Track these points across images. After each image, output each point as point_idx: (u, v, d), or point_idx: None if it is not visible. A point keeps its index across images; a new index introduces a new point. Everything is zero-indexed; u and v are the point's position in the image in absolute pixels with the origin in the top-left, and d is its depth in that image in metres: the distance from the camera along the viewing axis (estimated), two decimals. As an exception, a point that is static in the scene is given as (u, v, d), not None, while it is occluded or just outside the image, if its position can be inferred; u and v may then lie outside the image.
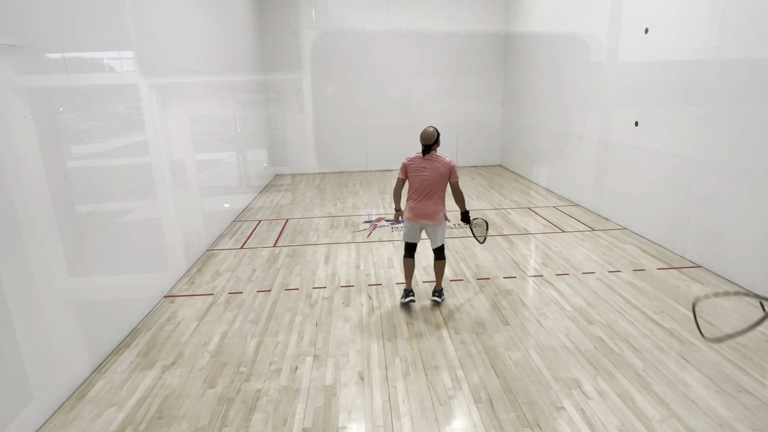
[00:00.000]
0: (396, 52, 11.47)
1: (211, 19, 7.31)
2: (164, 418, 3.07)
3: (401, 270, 5.44)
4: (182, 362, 3.70)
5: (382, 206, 8.43)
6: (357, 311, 4.47)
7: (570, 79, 8.30)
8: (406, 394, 3.24)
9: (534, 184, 9.99)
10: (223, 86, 7.96)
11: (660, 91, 5.87)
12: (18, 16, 3.02)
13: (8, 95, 2.92)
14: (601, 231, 6.63)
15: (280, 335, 4.07)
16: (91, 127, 3.94)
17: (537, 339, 3.89)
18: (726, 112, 4.86)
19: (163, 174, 5.08)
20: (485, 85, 11.93)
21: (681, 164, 5.51)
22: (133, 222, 4.44)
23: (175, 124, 5.55)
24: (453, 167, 4.26)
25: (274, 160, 11.76)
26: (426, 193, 4.29)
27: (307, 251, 6.17)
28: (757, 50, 4.46)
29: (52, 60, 3.38)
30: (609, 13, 6.92)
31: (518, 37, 10.79)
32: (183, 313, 4.51)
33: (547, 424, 2.93)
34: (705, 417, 2.94)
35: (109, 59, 4.24)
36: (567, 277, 5.11)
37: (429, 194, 4.28)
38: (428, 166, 4.26)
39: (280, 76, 11.36)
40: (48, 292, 3.16)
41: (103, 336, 3.81)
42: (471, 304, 4.53)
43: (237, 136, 8.69)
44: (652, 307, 4.37)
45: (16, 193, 2.90)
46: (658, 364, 3.49)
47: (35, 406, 2.98)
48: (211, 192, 6.94)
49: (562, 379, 3.35)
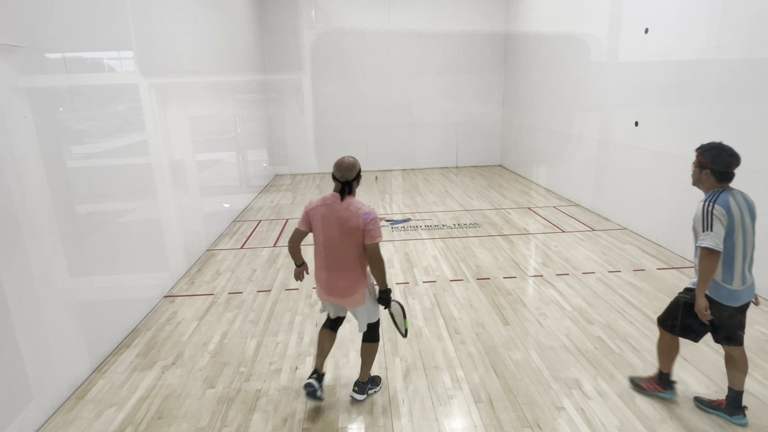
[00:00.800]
0: (396, 52, 11.47)
1: (211, 19, 7.31)
2: (164, 418, 3.07)
3: (401, 270, 5.44)
4: (182, 362, 3.70)
5: (382, 206, 8.43)
6: (357, 311, 4.46)
7: (570, 79, 8.30)
8: (406, 394, 3.24)
9: (534, 184, 9.99)
10: (223, 86, 7.96)
11: (660, 91, 5.87)
12: (18, 16, 3.02)
13: (8, 95, 2.92)
14: (601, 231, 6.63)
15: (280, 335, 4.07)
16: (91, 127, 3.94)
17: (537, 339, 3.89)
18: (726, 112, 4.86)
19: (163, 174, 5.08)
20: (485, 85, 11.93)
21: (681, 164, 5.51)
22: (133, 222, 4.43)
23: (175, 124, 5.55)
24: (368, 220, 2.87)
25: (274, 160, 11.76)
26: (334, 259, 3.00)
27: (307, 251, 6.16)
28: (757, 50, 4.46)
29: (52, 60, 3.38)
30: (609, 13, 6.92)
31: (518, 37, 10.79)
32: (183, 313, 4.51)
33: (547, 424, 2.93)
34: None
35: (109, 59, 4.23)
36: (567, 277, 5.11)
37: (337, 260, 2.99)
38: (335, 217, 2.92)
39: (280, 76, 11.36)
40: (48, 292, 3.16)
41: (103, 336, 3.81)
42: (471, 304, 4.53)
43: (237, 136, 8.69)
44: (652, 307, 4.36)
45: (16, 193, 2.90)
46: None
47: (35, 406, 2.98)
48: (211, 192, 6.94)
49: (562, 379, 3.35)
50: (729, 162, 2.67)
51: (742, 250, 2.67)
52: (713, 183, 2.72)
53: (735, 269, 2.68)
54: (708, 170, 2.71)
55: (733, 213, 2.61)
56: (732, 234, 2.62)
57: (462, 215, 7.67)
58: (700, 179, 2.77)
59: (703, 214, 2.62)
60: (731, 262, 2.67)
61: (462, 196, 9.01)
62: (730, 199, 2.63)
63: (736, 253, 2.66)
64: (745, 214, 2.65)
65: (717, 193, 2.66)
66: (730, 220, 2.60)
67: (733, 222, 2.61)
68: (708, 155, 2.71)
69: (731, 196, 2.65)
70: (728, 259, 2.67)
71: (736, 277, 2.69)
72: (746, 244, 2.66)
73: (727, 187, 2.70)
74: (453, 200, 8.74)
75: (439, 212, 7.91)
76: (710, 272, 2.63)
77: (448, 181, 10.63)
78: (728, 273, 2.69)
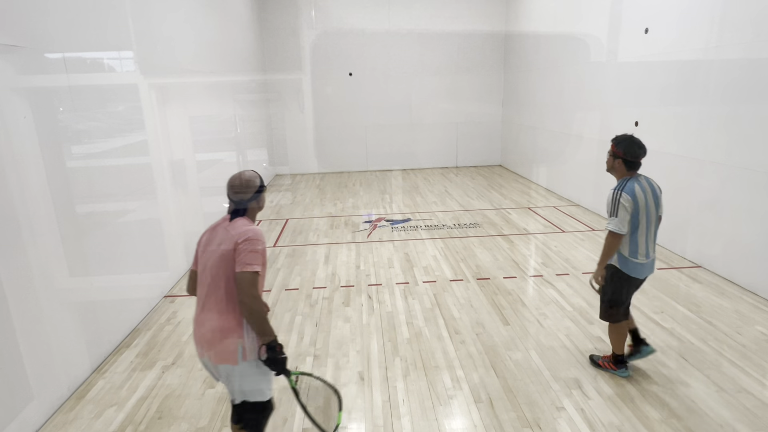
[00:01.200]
0: (396, 52, 11.47)
1: (211, 19, 7.31)
2: (164, 418, 3.07)
3: (401, 270, 5.44)
4: (182, 362, 3.70)
5: (382, 206, 8.43)
6: (357, 311, 4.47)
7: (570, 79, 8.30)
8: (406, 394, 3.24)
9: (534, 184, 9.99)
10: (223, 86, 7.95)
11: (660, 91, 5.87)
12: (18, 16, 3.02)
13: (8, 95, 2.92)
14: (601, 231, 6.63)
15: (280, 335, 4.07)
16: (91, 127, 3.94)
17: (537, 339, 3.89)
18: (726, 112, 4.86)
19: (163, 174, 5.08)
20: (485, 85, 11.93)
21: (681, 164, 5.51)
22: (133, 222, 4.43)
23: (175, 124, 5.55)
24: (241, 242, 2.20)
25: (274, 160, 11.76)
26: (204, 296, 2.28)
27: (307, 251, 6.17)
28: (757, 50, 4.46)
29: (52, 60, 3.38)
30: (609, 13, 6.92)
31: (518, 37, 10.79)
32: (183, 313, 4.51)
33: (547, 424, 2.93)
34: (705, 417, 2.95)
35: (109, 59, 4.23)
36: (567, 277, 5.11)
37: (208, 297, 2.27)
38: (215, 242, 2.32)
39: (280, 76, 11.36)
40: (48, 292, 3.16)
41: (103, 336, 3.81)
42: (471, 304, 4.53)
43: (237, 136, 8.69)
44: (652, 307, 4.36)
45: (16, 193, 2.90)
46: (658, 364, 3.49)
47: (35, 406, 2.98)
48: (211, 192, 6.94)
49: (562, 379, 3.35)
50: (637, 153, 3.07)
51: (646, 229, 3.08)
52: (624, 171, 3.12)
53: (639, 245, 3.09)
54: (620, 159, 3.11)
55: (638, 199, 3.01)
56: (637, 215, 3.03)
57: (462, 215, 7.67)
58: (613, 167, 3.17)
59: (612, 201, 3.05)
60: (636, 240, 3.08)
61: (462, 196, 9.01)
62: (636, 186, 3.04)
63: (640, 232, 3.07)
64: (649, 198, 3.06)
65: (625, 181, 3.07)
66: (635, 206, 3.01)
67: (638, 206, 3.02)
68: (621, 146, 3.10)
69: (637, 183, 3.06)
70: (634, 236, 3.07)
71: (640, 252, 3.10)
72: (649, 223, 3.08)
73: (635, 175, 3.11)
74: (453, 200, 8.74)
75: (439, 212, 7.91)
76: (611, 250, 3.09)
77: (448, 181, 10.63)
78: (634, 248, 3.09)
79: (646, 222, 3.05)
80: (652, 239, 3.12)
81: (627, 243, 3.08)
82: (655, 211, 3.08)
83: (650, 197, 3.06)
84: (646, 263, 3.14)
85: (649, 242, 3.11)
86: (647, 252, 3.11)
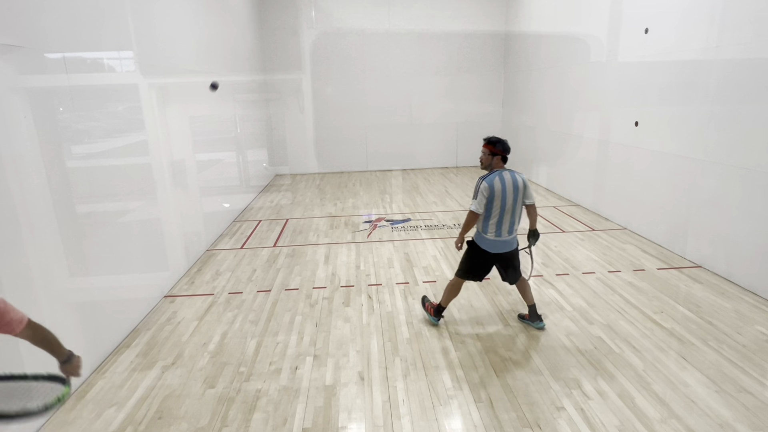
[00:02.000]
0: (396, 52, 11.47)
1: (211, 19, 7.31)
2: (164, 418, 3.07)
3: (401, 270, 5.44)
4: (182, 362, 3.70)
5: (382, 206, 8.43)
6: (357, 311, 4.47)
7: (570, 79, 8.30)
8: (406, 394, 3.24)
9: (534, 184, 9.99)
10: (223, 86, 7.95)
11: (660, 91, 5.87)
12: (18, 16, 3.02)
13: (8, 95, 2.92)
14: (601, 231, 6.63)
15: (280, 335, 4.07)
16: (91, 127, 3.94)
17: (537, 339, 3.89)
18: (726, 112, 4.86)
19: (163, 174, 5.08)
20: (485, 85, 11.93)
21: (681, 164, 5.51)
22: (133, 222, 4.43)
23: (175, 124, 5.55)
24: None
25: (274, 160, 11.76)
26: None
27: (307, 251, 6.17)
28: (757, 50, 4.46)
29: (52, 60, 3.38)
30: (609, 13, 6.92)
31: (518, 37, 10.79)
32: (183, 313, 4.51)
33: (547, 424, 2.93)
34: (705, 417, 2.95)
35: (109, 59, 4.23)
36: (567, 277, 5.11)
37: None
38: None
39: (279, 76, 11.36)
40: (48, 292, 3.16)
41: (103, 336, 3.81)
42: (471, 304, 4.53)
43: (237, 136, 8.69)
44: (652, 307, 4.37)
45: (16, 193, 2.90)
46: (658, 364, 3.49)
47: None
48: (211, 192, 6.94)
49: (562, 379, 3.35)
50: (509, 149, 3.80)
51: (499, 213, 3.69)
52: (500, 165, 3.76)
53: (490, 225, 3.74)
54: (498, 156, 3.76)
55: (495, 188, 3.63)
56: (492, 201, 3.66)
57: (462, 215, 7.67)
58: (491, 164, 3.77)
59: (476, 187, 3.71)
60: (488, 220, 3.74)
61: (462, 196, 9.01)
62: (496, 178, 3.66)
63: (492, 215, 3.71)
64: (509, 188, 3.65)
65: (490, 174, 3.71)
66: (491, 193, 3.63)
67: (494, 194, 3.63)
68: (500, 146, 3.75)
69: (499, 176, 3.67)
70: (487, 217, 3.73)
71: (490, 231, 3.76)
72: (503, 210, 3.68)
73: (503, 168, 3.75)
74: (453, 200, 8.74)
75: (439, 212, 7.91)
76: (468, 225, 3.80)
77: (448, 181, 10.63)
78: (486, 226, 3.77)
79: (500, 208, 3.67)
80: (508, 222, 3.74)
81: (481, 221, 3.77)
82: (513, 199, 3.67)
83: (510, 188, 3.65)
84: (498, 241, 3.77)
85: (504, 224, 3.73)
86: (499, 232, 3.75)
